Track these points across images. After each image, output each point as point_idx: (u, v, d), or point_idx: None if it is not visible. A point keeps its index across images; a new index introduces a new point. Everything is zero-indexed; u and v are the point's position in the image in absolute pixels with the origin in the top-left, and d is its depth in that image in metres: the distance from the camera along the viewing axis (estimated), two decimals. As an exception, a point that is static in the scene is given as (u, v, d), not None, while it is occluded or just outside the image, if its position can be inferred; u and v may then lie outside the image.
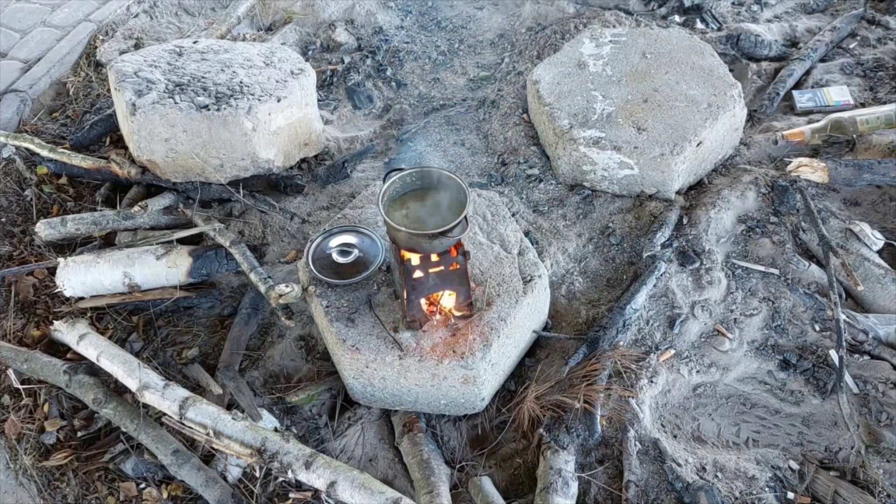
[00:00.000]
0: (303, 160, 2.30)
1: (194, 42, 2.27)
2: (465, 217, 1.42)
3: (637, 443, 1.56)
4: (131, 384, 1.66)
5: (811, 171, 2.07)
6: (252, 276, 1.85)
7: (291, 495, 1.53)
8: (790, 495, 1.49)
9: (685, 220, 2.02)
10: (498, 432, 1.64)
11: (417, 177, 1.51)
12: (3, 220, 2.19)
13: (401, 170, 1.49)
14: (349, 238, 1.66)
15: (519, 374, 1.73)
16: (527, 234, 1.99)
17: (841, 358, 1.64)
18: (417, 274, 1.47)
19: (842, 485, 1.49)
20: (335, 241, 1.64)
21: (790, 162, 2.12)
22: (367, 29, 2.91)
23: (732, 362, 1.73)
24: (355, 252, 1.62)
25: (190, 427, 1.56)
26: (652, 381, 1.67)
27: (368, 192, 1.84)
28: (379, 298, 1.60)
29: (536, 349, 1.78)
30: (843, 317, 1.71)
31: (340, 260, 1.61)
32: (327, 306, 1.58)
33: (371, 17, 2.94)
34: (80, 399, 1.74)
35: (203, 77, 2.11)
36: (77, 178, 2.29)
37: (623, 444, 1.56)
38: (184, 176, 2.13)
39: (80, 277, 1.91)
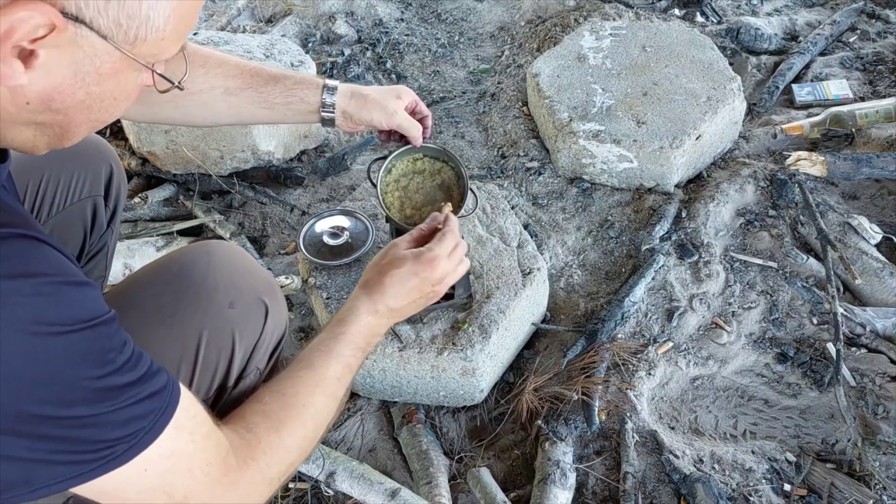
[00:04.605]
0: (302, 152, 2.30)
1: (194, 33, 2.26)
2: (471, 190, 1.41)
3: (635, 434, 1.57)
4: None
5: (810, 164, 2.07)
6: (252, 268, 1.86)
7: (291, 486, 1.53)
8: (787, 487, 1.50)
9: (684, 214, 2.03)
10: (496, 424, 1.65)
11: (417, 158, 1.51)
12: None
13: (384, 158, 1.47)
14: (339, 221, 1.65)
15: (517, 366, 1.73)
16: (526, 226, 2.00)
17: (838, 351, 1.64)
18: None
19: (838, 477, 1.50)
20: (325, 225, 1.64)
21: (789, 155, 2.13)
22: (367, 21, 2.90)
23: (730, 355, 1.73)
24: (346, 235, 1.62)
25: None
26: (650, 374, 1.68)
27: (368, 184, 1.84)
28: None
29: (535, 341, 1.79)
30: (840, 310, 1.71)
31: (331, 242, 1.61)
32: (327, 298, 1.58)
33: (371, 10, 2.93)
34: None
35: (203, 69, 2.10)
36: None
37: (621, 435, 1.57)
38: (184, 167, 2.14)
39: (80, 268, 1.91)
